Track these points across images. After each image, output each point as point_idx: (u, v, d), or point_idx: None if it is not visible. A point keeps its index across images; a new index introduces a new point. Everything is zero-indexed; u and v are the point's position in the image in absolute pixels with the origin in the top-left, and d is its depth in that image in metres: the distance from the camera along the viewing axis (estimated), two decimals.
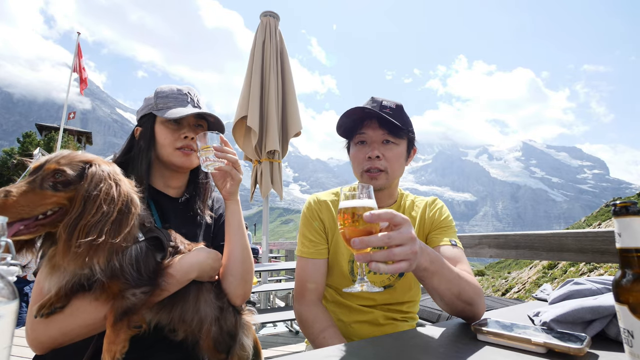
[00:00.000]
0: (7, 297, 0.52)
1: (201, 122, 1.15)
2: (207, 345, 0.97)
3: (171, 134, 1.09)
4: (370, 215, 0.70)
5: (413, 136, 1.24)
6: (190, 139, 1.10)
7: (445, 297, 0.88)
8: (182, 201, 1.16)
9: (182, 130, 1.10)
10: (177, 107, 1.08)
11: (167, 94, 1.11)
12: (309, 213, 1.30)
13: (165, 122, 1.09)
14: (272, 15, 3.72)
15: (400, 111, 1.18)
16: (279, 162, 3.63)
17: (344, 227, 0.76)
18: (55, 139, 20.70)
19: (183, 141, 1.09)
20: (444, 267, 0.84)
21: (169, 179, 1.16)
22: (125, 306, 0.81)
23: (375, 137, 1.17)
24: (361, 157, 1.19)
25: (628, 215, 0.55)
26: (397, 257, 0.69)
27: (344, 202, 0.77)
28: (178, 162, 1.10)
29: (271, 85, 3.48)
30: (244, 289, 1.07)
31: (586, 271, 11.36)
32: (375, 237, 0.70)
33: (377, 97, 1.21)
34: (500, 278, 18.62)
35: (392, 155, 1.17)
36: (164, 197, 1.14)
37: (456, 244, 1.14)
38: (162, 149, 1.10)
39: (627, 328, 0.54)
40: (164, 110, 1.08)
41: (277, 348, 3.08)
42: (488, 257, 2.14)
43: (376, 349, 0.76)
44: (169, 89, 1.13)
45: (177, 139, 1.09)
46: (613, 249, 1.44)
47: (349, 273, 1.24)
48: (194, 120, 1.13)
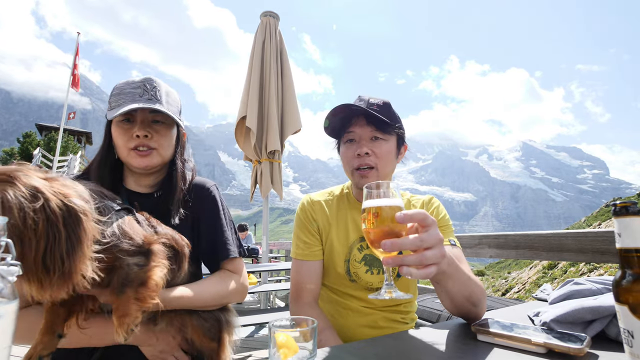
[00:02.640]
0: (7, 297, 0.52)
1: (159, 116, 1.04)
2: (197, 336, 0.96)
3: (123, 133, 1.01)
4: (403, 215, 0.66)
5: (402, 133, 1.23)
6: (144, 137, 1.01)
7: (456, 299, 0.87)
8: (156, 197, 1.10)
9: (134, 128, 1.00)
10: (128, 104, 0.98)
11: (120, 90, 1.02)
12: (303, 215, 1.30)
13: (118, 122, 1.02)
14: (272, 15, 3.72)
15: (387, 108, 1.18)
16: (279, 162, 3.63)
17: (370, 228, 0.71)
18: (55, 139, 20.71)
19: (135, 140, 1.00)
20: (458, 270, 0.83)
21: (138, 178, 1.10)
22: (123, 275, 0.77)
23: (363, 134, 1.17)
24: (350, 155, 1.19)
25: (628, 215, 0.55)
26: (429, 260, 0.65)
27: (369, 200, 0.72)
28: (134, 164, 1.03)
29: (271, 86, 3.48)
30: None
31: (586, 271, 11.35)
32: (407, 240, 0.65)
33: (364, 95, 1.21)
34: (500, 278, 18.61)
35: (381, 152, 1.16)
36: (137, 196, 1.08)
37: (455, 244, 1.14)
38: (119, 150, 1.04)
39: (627, 328, 0.54)
40: (114, 110, 0.99)
41: None
42: (488, 257, 2.14)
43: (376, 349, 0.76)
44: (124, 84, 1.04)
45: (130, 138, 1.01)
46: (613, 249, 1.44)
47: (345, 273, 1.24)
48: (149, 116, 1.03)
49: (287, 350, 0.63)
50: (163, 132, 1.06)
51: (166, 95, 1.06)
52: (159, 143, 1.04)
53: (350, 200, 1.31)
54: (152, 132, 1.03)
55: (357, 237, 1.25)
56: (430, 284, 2.21)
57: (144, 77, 1.05)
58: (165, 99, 1.05)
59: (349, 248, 1.25)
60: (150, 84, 1.04)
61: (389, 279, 0.72)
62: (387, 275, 0.72)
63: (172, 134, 1.10)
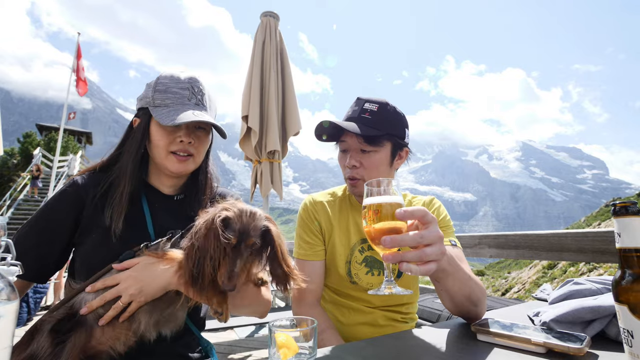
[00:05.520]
0: (7, 297, 0.52)
1: (202, 124, 1.04)
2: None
3: (166, 135, 0.99)
4: (403, 212, 0.66)
5: (400, 138, 1.19)
6: (188, 143, 1.00)
7: (455, 298, 0.87)
8: (177, 200, 1.09)
9: (179, 132, 0.99)
10: (176, 106, 0.97)
11: (166, 87, 0.99)
12: (306, 215, 1.30)
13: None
14: (272, 15, 3.72)
15: (381, 113, 1.15)
16: (279, 162, 3.63)
17: (370, 224, 0.71)
18: (55, 139, 20.71)
19: (179, 145, 1.00)
20: (458, 269, 0.83)
21: (163, 178, 1.08)
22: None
23: (353, 145, 1.18)
24: (342, 164, 1.22)
25: (628, 215, 0.55)
26: (429, 257, 0.65)
27: (369, 198, 0.72)
28: (171, 168, 1.01)
29: (271, 86, 3.48)
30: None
31: (586, 271, 11.36)
32: (407, 236, 0.65)
33: (362, 97, 1.20)
34: (500, 278, 18.61)
35: (370, 163, 1.16)
36: (156, 194, 1.07)
37: (456, 244, 1.14)
38: (156, 150, 1.01)
39: (626, 328, 0.54)
40: (160, 109, 0.97)
41: None
42: (488, 257, 2.14)
43: (376, 349, 0.76)
44: (169, 80, 1.01)
45: (172, 142, 0.99)
46: (613, 249, 1.44)
47: (346, 274, 1.24)
48: (195, 122, 1.01)
49: (287, 350, 0.63)
50: (203, 139, 1.06)
51: (209, 101, 1.06)
52: (197, 150, 1.04)
53: (352, 201, 1.31)
54: (194, 138, 1.02)
55: (358, 239, 1.25)
56: (430, 283, 2.20)
57: (189, 75, 1.03)
58: (208, 104, 1.05)
59: (351, 250, 1.25)
60: (197, 86, 1.03)
61: (389, 276, 0.72)
62: (387, 272, 0.73)
63: (209, 140, 1.10)
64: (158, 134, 1.00)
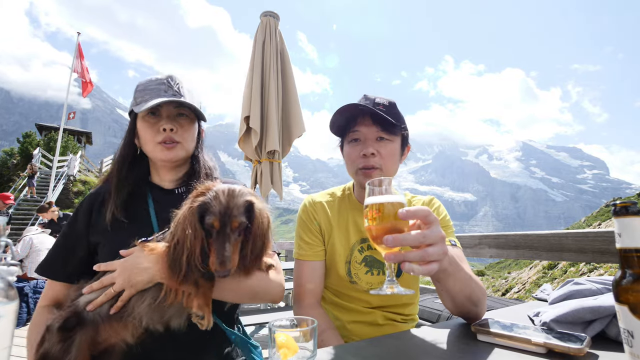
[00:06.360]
0: (7, 297, 0.52)
1: (183, 110, 1.09)
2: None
3: (150, 127, 1.05)
4: (406, 212, 0.66)
5: (407, 133, 1.23)
6: (170, 130, 1.05)
7: (456, 298, 0.87)
8: (178, 193, 1.13)
9: (160, 122, 1.05)
10: (154, 99, 1.03)
11: (145, 87, 1.06)
12: (305, 215, 1.30)
13: (144, 117, 1.06)
14: (272, 15, 3.72)
15: (393, 108, 1.17)
16: (279, 162, 3.63)
17: (372, 224, 0.71)
18: (55, 139, 20.70)
19: (163, 134, 1.04)
20: (459, 269, 0.83)
21: (161, 172, 1.14)
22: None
23: (369, 134, 1.16)
24: (355, 155, 1.18)
25: (628, 215, 0.55)
26: (431, 257, 0.65)
27: (371, 197, 0.72)
28: (161, 157, 1.07)
29: (271, 86, 3.48)
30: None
31: (586, 271, 11.36)
32: (409, 235, 0.65)
33: (369, 94, 1.20)
34: (500, 278, 18.62)
35: (386, 152, 1.16)
36: (159, 190, 1.13)
37: (456, 244, 1.14)
38: (145, 145, 1.08)
39: (627, 328, 0.54)
40: (140, 105, 1.03)
41: None
42: (488, 257, 2.14)
43: (376, 349, 0.76)
44: (147, 81, 1.08)
45: (157, 133, 1.05)
46: (613, 249, 1.44)
47: (346, 275, 1.24)
48: (174, 110, 1.07)
49: (287, 350, 0.63)
50: (187, 127, 1.10)
51: (188, 92, 1.12)
52: (183, 137, 1.08)
53: (351, 201, 1.31)
54: (177, 125, 1.07)
55: (357, 239, 1.25)
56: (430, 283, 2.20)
57: (167, 74, 1.10)
58: (187, 95, 1.10)
59: (350, 250, 1.25)
60: (174, 80, 1.09)
61: (390, 275, 0.72)
62: (388, 272, 0.72)
63: (195, 128, 1.14)
64: (143, 128, 1.06)
